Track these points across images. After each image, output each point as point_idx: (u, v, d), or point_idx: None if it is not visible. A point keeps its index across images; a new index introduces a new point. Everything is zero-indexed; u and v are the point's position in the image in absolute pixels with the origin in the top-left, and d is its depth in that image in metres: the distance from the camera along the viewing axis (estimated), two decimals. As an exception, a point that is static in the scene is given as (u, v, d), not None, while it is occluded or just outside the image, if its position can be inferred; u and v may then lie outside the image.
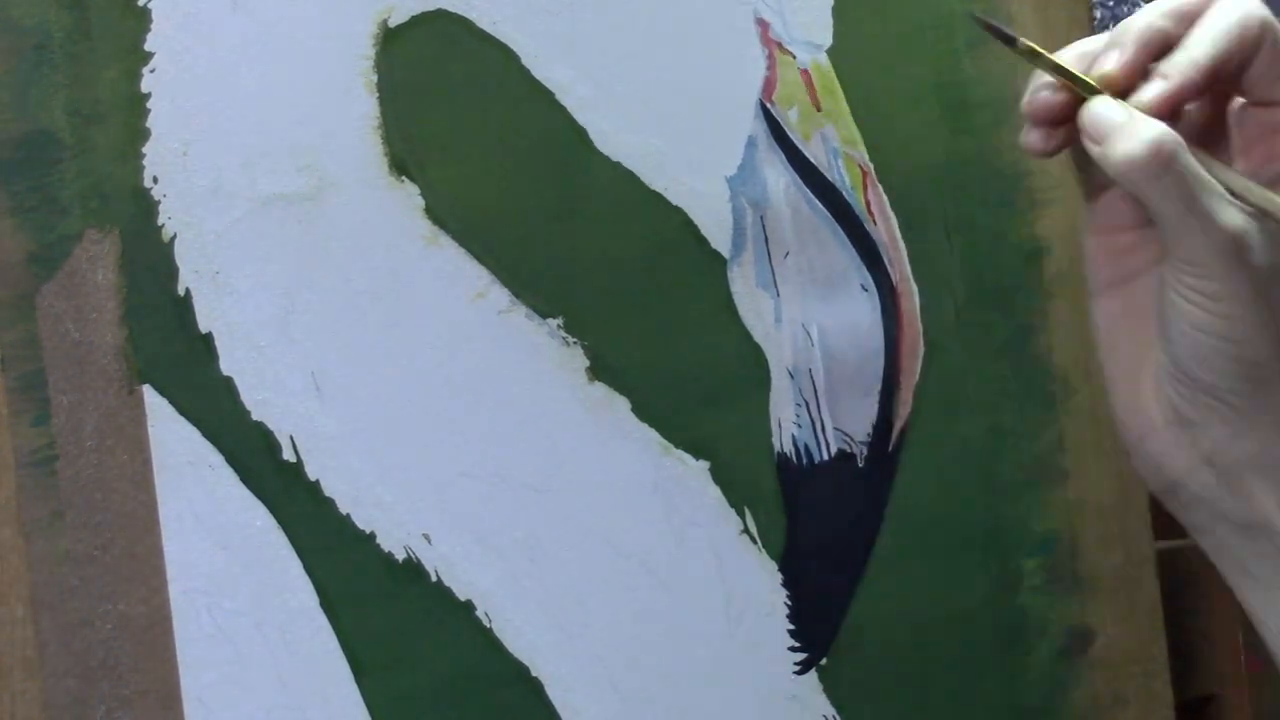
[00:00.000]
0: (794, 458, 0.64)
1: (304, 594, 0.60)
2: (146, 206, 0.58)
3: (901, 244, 0.65)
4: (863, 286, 0.65)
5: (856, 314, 0.65)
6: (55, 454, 0.58)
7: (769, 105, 0.64)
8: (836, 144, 0.64)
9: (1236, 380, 0.57)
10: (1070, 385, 0.67)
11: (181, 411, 0.59)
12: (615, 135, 0.63)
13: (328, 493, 0.60)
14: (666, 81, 0.63)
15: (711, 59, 0.64)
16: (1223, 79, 0.57)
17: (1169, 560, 0.69)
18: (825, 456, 0.64)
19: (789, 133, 0.64)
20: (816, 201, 0.64)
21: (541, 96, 0.62)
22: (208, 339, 0.59)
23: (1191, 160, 0.56)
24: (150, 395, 0.58)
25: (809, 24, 0.64)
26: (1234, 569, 0.61)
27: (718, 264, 0.64)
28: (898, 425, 0.65)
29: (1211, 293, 0.57)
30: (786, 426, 0.64)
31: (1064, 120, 0.60)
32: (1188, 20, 0.58)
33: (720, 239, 0.64)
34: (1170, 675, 0.67)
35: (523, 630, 0.62)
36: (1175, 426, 0.61)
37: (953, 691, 0.66)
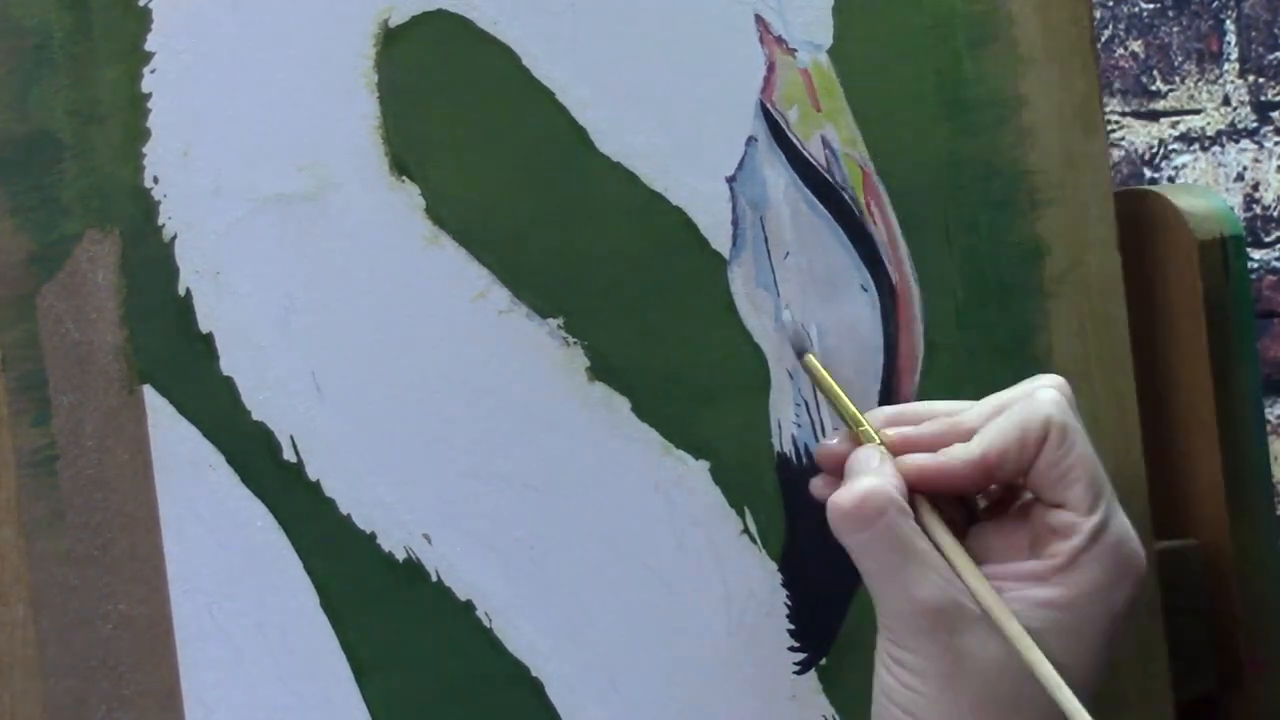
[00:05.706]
0: (794, 458, 0.64)
1: (304, 594, 0.59)
2: (147, 206, 0.58)
3: (902, 244, 0.65)
4: (862, 287, 0.65)
5: (856, 314, 0.65)
6: (55, 454, 0.57)
7: (769, 105, 0.64)
8: (837, 144, 0.64)
9: None
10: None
11: (182, 412, 0.59)
12: (616, 135, 0.63)
13: (328, 493, 0.60)
14: (667, 81, 0.63)
15: (712, 59, 0.64)
16: (1003, 474, 0.57)
17: (1169, 560, 0.69)
18: (825, 457, 0.64)
19: (789, 133, 0.64)
20: (816, 202, 0.64)
21: (542, 96, 0.62)
22: (208, 339, 0.59)
23: (904, 524, 0.56)
24: (151, 395, 0.58)
25: (809, 23, 0.64)
26: None
27: (718, 264, 0.64)
28: (898, 425, 0.65)
29: (903, 662, 0.56)
30: (786, 427, 0.64)
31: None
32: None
33: (720, 239, 0.64)
34: (1170, 675, 0.67)
35: (523, 630, 0.62)
36: None
37: (953, 691, 0.66)
